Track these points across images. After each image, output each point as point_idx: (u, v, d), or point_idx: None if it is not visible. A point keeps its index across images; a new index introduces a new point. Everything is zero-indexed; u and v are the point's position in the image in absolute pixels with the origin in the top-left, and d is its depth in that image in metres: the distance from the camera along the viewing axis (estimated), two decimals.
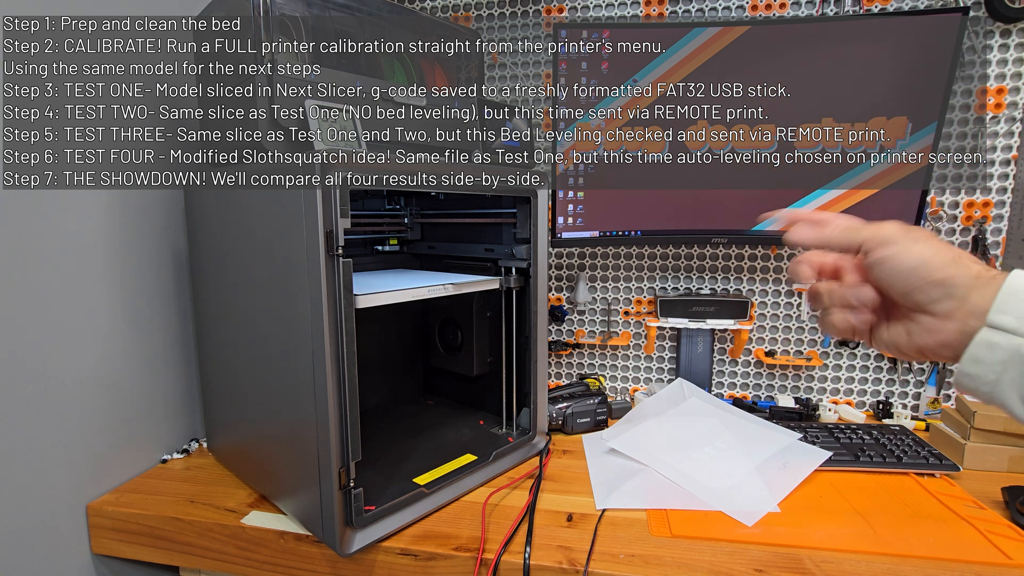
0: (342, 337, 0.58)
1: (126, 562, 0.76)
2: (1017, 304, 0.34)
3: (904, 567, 0.58)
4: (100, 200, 0.75)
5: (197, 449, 0.90)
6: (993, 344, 0.34)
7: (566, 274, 1.16)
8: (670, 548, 0.62)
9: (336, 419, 0.59)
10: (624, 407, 1.02)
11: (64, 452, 0.71)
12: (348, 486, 0.61)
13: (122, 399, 0.79)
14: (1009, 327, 0.34)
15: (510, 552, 0.62)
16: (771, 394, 1.11)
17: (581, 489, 0.76)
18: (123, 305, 0.79)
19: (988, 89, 0.95)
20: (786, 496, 0.71)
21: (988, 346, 0.35)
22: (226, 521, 0.69)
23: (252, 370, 0.71)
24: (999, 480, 0.76)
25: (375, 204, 1.00)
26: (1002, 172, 0.97)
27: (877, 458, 0.80)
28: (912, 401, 1.06)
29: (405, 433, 0.89)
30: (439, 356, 1.02)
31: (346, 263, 0.58)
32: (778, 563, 0.59)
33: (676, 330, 1.12)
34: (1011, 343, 0.34)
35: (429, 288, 0.72)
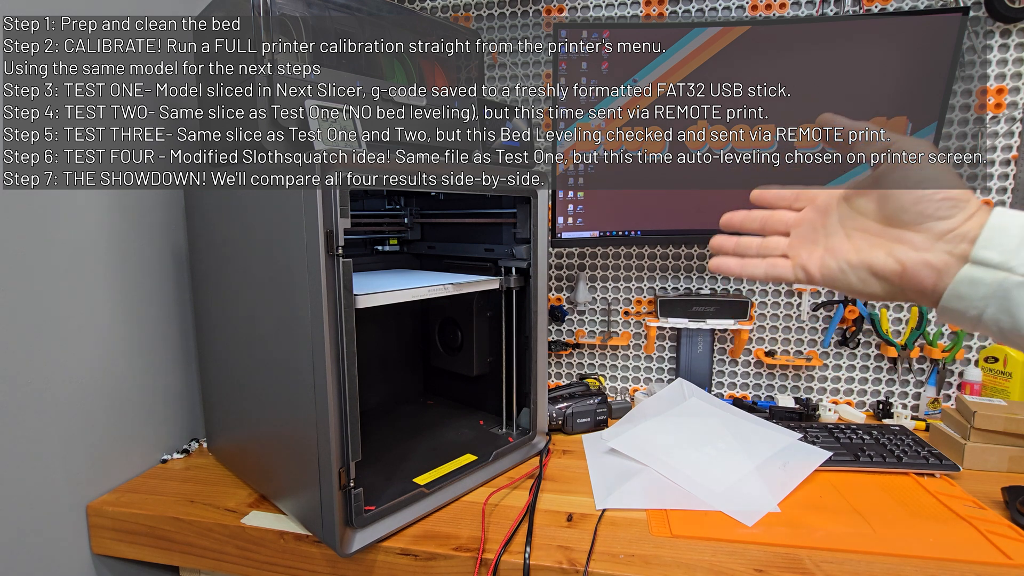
0: (342, 337, 0.58)
1: (126, 562, 0.76)
2: (1003, 239, 0.35)
3: (904, 567, 0.58)
4: (100, 200, 0.75)
5: (197, 449, 0.90)
6: (976, 280, 0.35)
7: (566, 274, 1.16)
8: (670, 548, 0.62)
9: (336, 419, 0.59)
10: (624, 407, 1.02)
11: (64, 452, 0.71)
12: (348, 486, 0.61)
13: (122, 399, 0.79)
14: (993, 262, 0.35)
15: (510, 552, 0.62)
16: (771, 394, 1.11)
17: (581, 489, 0.76)
18: (123, 305, 0.79)
19: (988, 89, 0.95)
20: (786, 496, 0.71)
21: (971, 282, 0.35)
22: (226, 521, 0.69)
23: (252, 370, 0.71)
24: (999, 480, 0.76)
25: (375, 204, 1.00)
26: (1002, 172, 0.97)
27: (877, 458, 0.80)
28: (912, 401, 1.06)
29: (405, 433, 0.89)
30: (439, 356, 1.02)
31: (346, 263, 0.58)
32: (778, 563, 0.59)
33: (676, 330, 1.12)
34: (994, 278, 0.34)
35: (429, 288, 0.72)
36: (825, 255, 0.42)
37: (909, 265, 0.37)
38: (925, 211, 0.37)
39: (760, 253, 0.45)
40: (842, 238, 0.42)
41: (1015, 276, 0.34)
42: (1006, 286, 0.34)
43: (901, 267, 0.38)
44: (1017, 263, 0.34)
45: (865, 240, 0.40)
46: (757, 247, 0.46)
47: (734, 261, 0.46)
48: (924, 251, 0.37)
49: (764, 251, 0.45)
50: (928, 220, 0.37)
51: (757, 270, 0.45)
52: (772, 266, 0.44)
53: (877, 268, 0.39)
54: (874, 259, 0.39)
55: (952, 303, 0.36)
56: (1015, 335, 0.35)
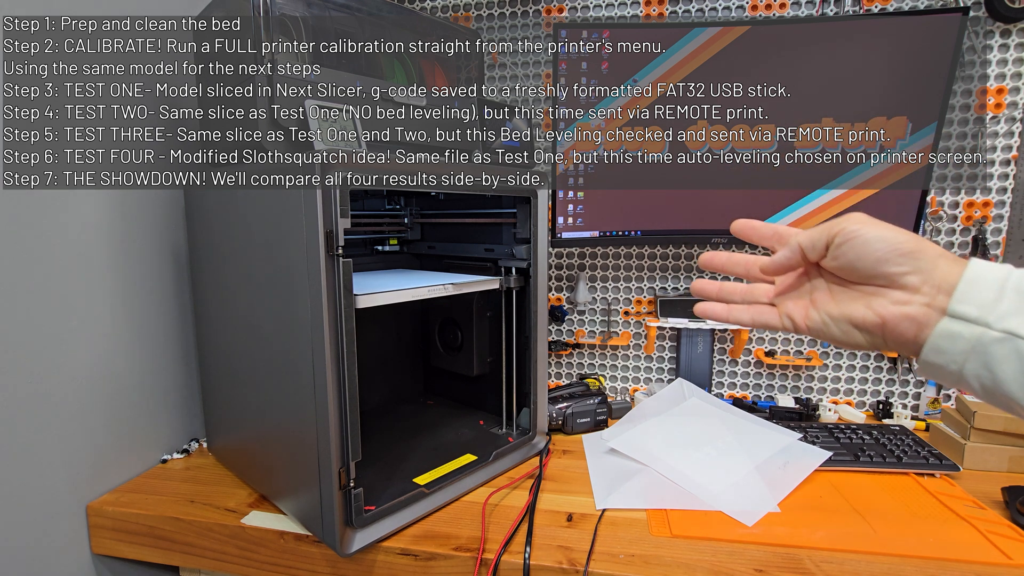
0: (342, 337, 0.58)
1: (126, 562, 0.76)
2: (977, 293, 0.34)
3: (904, 567, 0.58)
4: (100, 200, 0.75)
5: (197, 449, 0.90)
6: (955, 334, 0.35)
7: (566, 274, 1.16)
8: (670, 548, 0.62)
9: (336, 419, 0.59)
10: (624, 407, 1.02)
11: (64, 452, 0.71)
12: (348, 486, 0.61)
13: (122, 399, 0.79)
14: (970, 316, 0.34)
15: (510, 552, 0.62)
16: (771, 394, 1.11)
17: (581, 489, 0.76)
18: (123, 305, 0.79)
19: (988, 89, 0.95)
20: (786, 496, 0.71)
21: (950, 336, 0.35)
22: (226, 521, 0.69)
23: (252, 370, 0.71)
24: (999, 480, 0.76)
25: (375, 204, 1.00)
26: (1002, 172, 0.97)
27: (877, 458, 0.80)
28: (912, 401, 1.06)
29: (405, 433, 0.89)
30: (439, 356, 1.02)
31: (346, 263, 0.58)
32: (778, 563, 0.59)
33: (676, 330, 1.12)
34: (972, 332, 0.34)
35: (429, 288, 0.72)
36: (809, 307, 0.42)
37: (889, 318, 0.37)
38: (889, 271, 0.37)
39: (745, 300, 0.46)
40: (824, 291, 0.42)
41: (993, 331, 0.33)
42: (984, 341, 0.33)
43: (881, 320, 0.37)
44: (994, 318, 0.33)
45: (845, 293, 0.40)
46: (742, 294, 0.46)
47: (720, 307, 0.47)
48: (903, 304, 0.37)
49: (749, 298, 0.46)
50: (898, 277, 0.37)
51: (744, 316, 0.45)
52: (759, 313, 0.45)
53: (858, 321, 0.39)
54: (854, 312, 0.39)
55: (932, 357, 0.36)
56: (998, 393, 0.34)
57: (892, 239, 0.37)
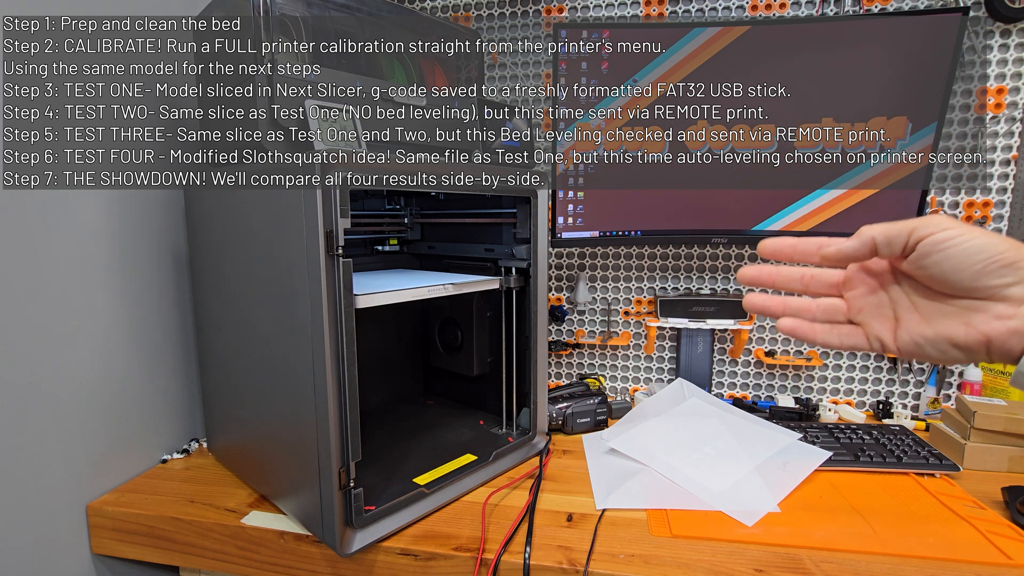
0: (342, 337, 0.58)
1: (126, 562, 0.76)
2: None
3: (904, 567, 0.58)
4: (100, 200, 0.75)
5: (197, 449, 0.90)
6: None
7: (566, 274, 1.16)
8: (670, 548, 0.62)
9: (336, 419, 0.59)
10: (624, 407, 1.02)
11: (64, 452, 0.71)
12: (348, 486, 0.61)
13: (122, 399, 0.79)
14: None
15: (510, 552, 0.62)
16: (771, 394, 1.11)
17: (581, 489, 0.76)
18: (123, 305, 0.79)
19: (988, 89, 0.95)
20: (786, 496, 0.71)
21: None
22: (226, 521, 0.69)
23: (252, 370, 0.71)
24: (999, 480, 0.76)
25: (375, 204, 1.00)
26: (1002, 172, 0.97)
27: (877, 458, 0.80)
28: (912, 401, 1.06)
29: (405, 433, 0.89)
30: (439, 356, 1.02)
31: (346, 263, 0.58)
32: (778, 563, 0.59)
33: (676, 330, 1.12)
34: None
35: (429, 288, 0.72)
36: (899, 328, 0.39)
37: (995, 336, 0.35)
38: (992, 284, 0.34)
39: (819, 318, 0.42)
40: (908, 307, 0.39)
41: None
42: None
43: (985, 338, 0.35)
44: None
45: (935, 308, 0.37)
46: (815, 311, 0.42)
47: (807, 326, 0.43)
48: (1007, 319, 0.34)
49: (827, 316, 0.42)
50: (1000, 289, 0.34)
51: (831, 338, 0.42)
52: (846, 336, 0.41)
53: (959, 342, 0.36)
54: (954, 333, 0.36)
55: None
56: None
57: (992, 249, 0.34)
